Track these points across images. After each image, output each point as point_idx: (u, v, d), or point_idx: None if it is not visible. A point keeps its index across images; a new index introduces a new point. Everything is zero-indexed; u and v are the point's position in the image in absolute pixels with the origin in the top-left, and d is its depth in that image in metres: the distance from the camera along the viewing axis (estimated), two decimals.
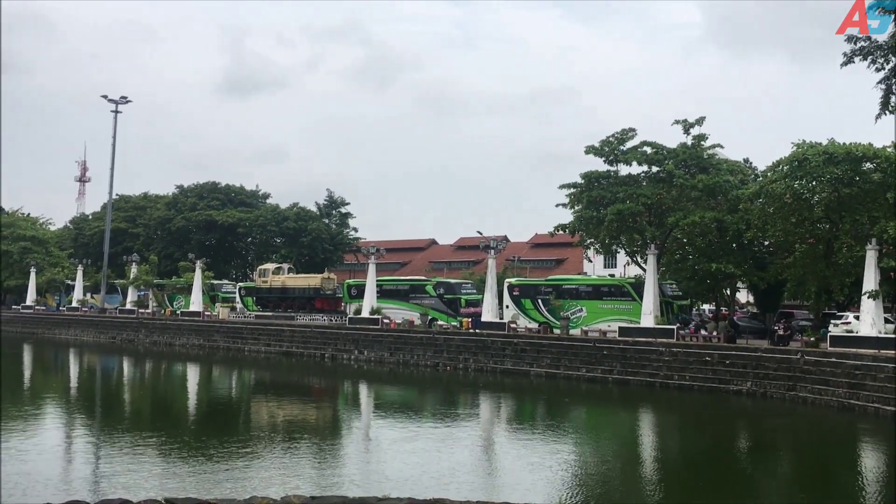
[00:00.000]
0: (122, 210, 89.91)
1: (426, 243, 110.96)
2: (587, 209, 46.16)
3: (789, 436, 27.63)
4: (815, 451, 25.23)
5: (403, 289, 54.19)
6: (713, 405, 33.03)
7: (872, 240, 33.47)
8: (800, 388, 32.37)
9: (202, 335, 59.78)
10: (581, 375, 39.45)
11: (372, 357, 48.27)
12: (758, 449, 25.61)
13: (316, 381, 42.67)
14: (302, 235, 77.48)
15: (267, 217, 79.81)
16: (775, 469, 22.61)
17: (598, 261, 72.50)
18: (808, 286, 38.57)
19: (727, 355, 35.81)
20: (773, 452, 24.99)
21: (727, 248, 43.00)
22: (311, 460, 21.15)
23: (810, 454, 24.60)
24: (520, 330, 45.42)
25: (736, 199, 41.10)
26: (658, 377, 37.09)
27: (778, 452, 25.02)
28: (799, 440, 26.82)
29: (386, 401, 35.74)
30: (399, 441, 24.31)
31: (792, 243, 39.52)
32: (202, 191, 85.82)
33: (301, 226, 78.04)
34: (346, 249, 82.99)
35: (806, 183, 36.81)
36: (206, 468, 19.49)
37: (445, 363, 44.74)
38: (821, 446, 25.96)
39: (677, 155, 44.61)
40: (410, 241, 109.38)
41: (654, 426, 29.94)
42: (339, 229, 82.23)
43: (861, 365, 30.48)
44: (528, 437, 25.88)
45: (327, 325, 53.56)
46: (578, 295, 46.48)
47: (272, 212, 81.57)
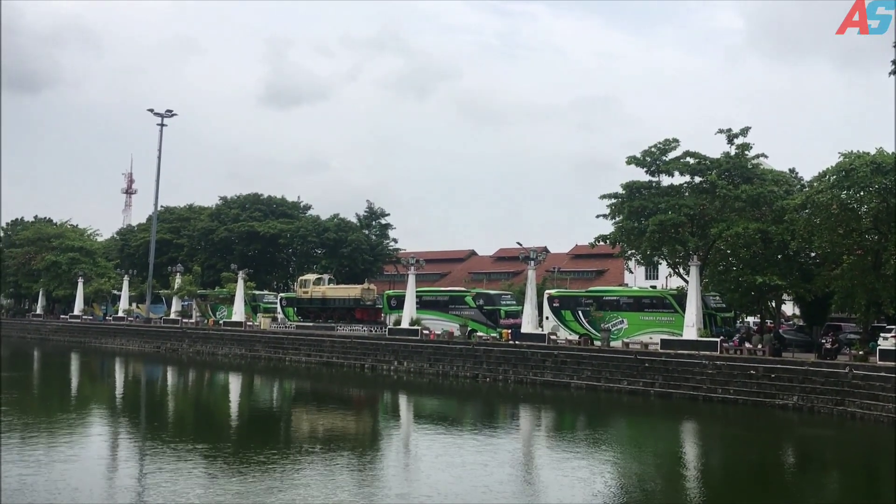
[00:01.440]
0: (167, 221, 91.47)
1: (466, 254, 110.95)
2: (628, 220, 45.74)
3: (837, 451, 27.01)
4: (863, 467, 24.61)
5: (443, 300, 54.23)
6: (758, 419, 32.40)
7: None
8: (848, 403, 31.63)
9: (244, 345, 60.41)
10: (622, 388, 39.04)
11: (411, 368, 48.31)
12: (804, 464, 25.07)
13: (356, 392, 42.81)
14: (342, 246, 78.02)
15: (308, 228, 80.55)
16: (822, 485, 22.10)
17: (640, 272, 71.87)
18: (856, 298, 37.75)
19: (772, 369, 35.15)
20: (820, 468, 24.45)
21: (772, 259, 42.27)
22: (352, 472, 21.22)
23: (858, 470, 24.00)
24: (560, 341, 45.14)
25: (781, 209, 40.42)
26: (701, 390, 36.54)
27: (825, 468, 24.46)
28: (847, 456, 26.20)
29: (426, 412, 35.73)
30: (440, 453, 24.28)
31: (839, 255, 38.71)
32: (244, 202, 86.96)
33: (341, 237, 78.60)
34: (385, 260, 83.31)
35: (853, 193, 36.06)
36: (247, 479, 19.67)
37: (485, 374, 44.62)
38: (869, 462, 25.31)
39: (720, 165, 44.02)
40: (450, 251, 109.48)
41: (697, 440, 29.46)
42: (378, 240, 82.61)
43: None
44: (569, 450, 25.65)
45: (367, 336, 53.76)
46: (619, 306, 46.05)
47: (313, 223, 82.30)
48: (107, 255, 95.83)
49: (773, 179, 43.68)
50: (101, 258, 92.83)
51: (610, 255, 67.09)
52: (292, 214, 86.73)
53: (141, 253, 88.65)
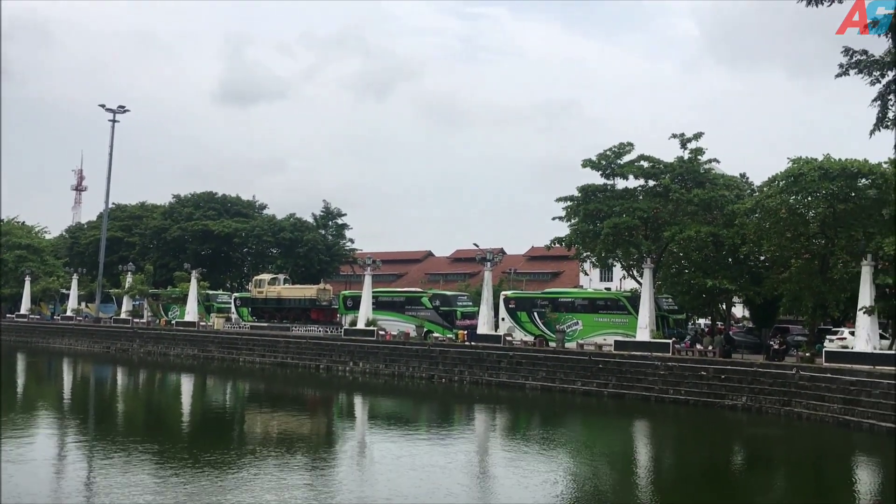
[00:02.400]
0: (118, 219, 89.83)
1: (423, 255, 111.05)
2: (584, 222, 46.29)
3: (784, 451, 27.66)
4: (809, 466, 25.24)
5: (399, 300, 54.21)
6: (708, 419, 33.04)
7: (868, 255, 33.57)
8: (795, 404, 32.40)
9: (197, 346, 59.66)
10: (576, 389, 39.45)
11: (367, 369, 48.21)
12: (752, 463, 25.61)
13: (311, 393, 42.59)
14: (298, 246, 77.50)
15: (263, 227, 79.84)
16: (770, 484, 22.62)
17: (595, 274, 72.70)
18: (803, 301, 38.70)
19: (722, 370, 35.84)
20: (767, 467, 25.01)
21: (723, 262, 43.13)
22: (305, 474, 21.09)
23: (805, 469, 24.61)
24: (515, 343, 45.44)
25: (732, 213, 41.25)
26: (653, 391, 37.10)
27: (772, 467, 25.03)
28: (793, 455, 26.85)
29: (381, 413, 35.70)
30: (398, 455, 24.26)
31: (787, 258, 39.65)
32: (199, 200, 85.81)
33: (297, 236, 78.07)
34: (342, 260, 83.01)
35: (802, 198, 36.98)
36: (199, 480, 19.44)
37: (441, 375, 44.72)
38: (815, 462, 25.97)
39: (674, 169, 44.79)
40: (407, 252, 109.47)
41: (649, 440, 29.92)
42: (335, 240, 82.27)
43: (856, 381, 30.52)
44: (524, 450, 25.85)
45: (323, 337, 53.50)
46: (574, 308, 46.54)
47: (269, 222, 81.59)
48: (55, 253, 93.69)
49: (725, 184, 44.60)
50: (49, 256, 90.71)
51: (566, 257, 67.73)
52: (248, 214, 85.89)
53: (91, 251, 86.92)
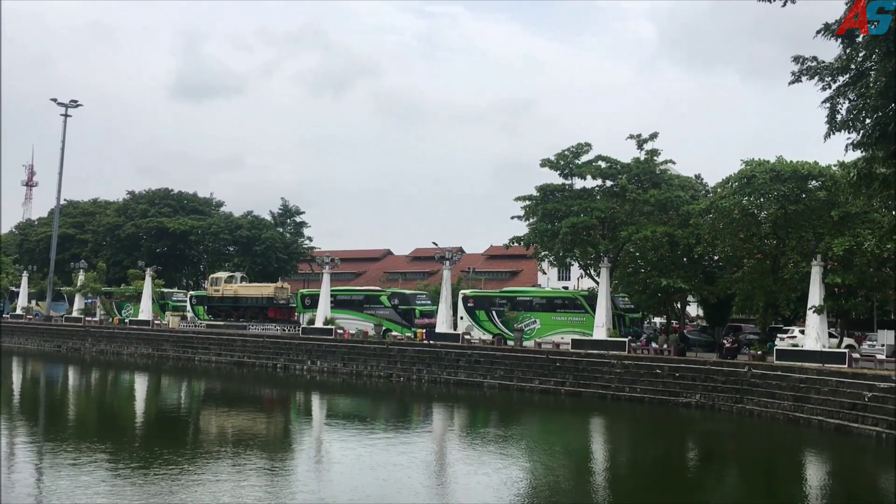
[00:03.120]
0: (70, 216, 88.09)
1: (381, 254, 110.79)
2: (542, 222, 46.63)
3: (736, 447, 28.18)
4: (760, 461, 25.74)
5: (358, 299, 54.04)
6: (663, 417, 33.52)
7: (817, 256, 34.37)
8: (747, 401, 33.03)
9: (151, 344, 58.79)
10: (534, 387, 39.72)
11: (325, 368, 47.97)
12: (705, 459, 26.08)
13: (268, 392, 42.22)
14: (255, 244, 76.81)
15: (220, 225, 78.96)
16: (722, 479, 23.05)
17: (553, 273, 73.22)
18: (755, 300, 39.48)
19: (677, 368, 36.40)
20: (720, 463, 25.49)
21: (678, 262, 43.78)
22: (261, 474, 20.90)
23: (756, 465, 25.09)
24: (474, 341, 45.58)
25: (687, 214, 41.88)
26: (610, 389, 37.52)
27: (725, 463, 25.51)
28: (745, 451, 27.36)
29: (339, 412, 35.54)
30: (353, 453, 24.19)
31: (740, 258, 40.39)
32: (154, 197, 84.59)
33: (255, 234, 77.39)
34: (300, 259, 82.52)
35: (754, 199, 37.70)
36: (152, 482, 19.15)
37: (399, 374, 44.68)
38: (766, 457, 26.50)
39: (630, 170, 45.36)
40: (366, 251, 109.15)
41: (605, 437, 30.26)
42: (293, 238, 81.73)
43: (805, 378, 31.25)
44: (483, 448, 25.95)
45: (280, 335, 53.10)
46: (532, 307, 46.84)
47: (225, 220, 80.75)
48: (5, 251, 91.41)
49: (680, 185, 45.34)
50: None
51: (524, 256, 68.14)
52: (204, 211, 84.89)
53: (41, 248, 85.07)
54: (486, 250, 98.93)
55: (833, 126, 16.58)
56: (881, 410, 27.40)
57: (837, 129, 16.47)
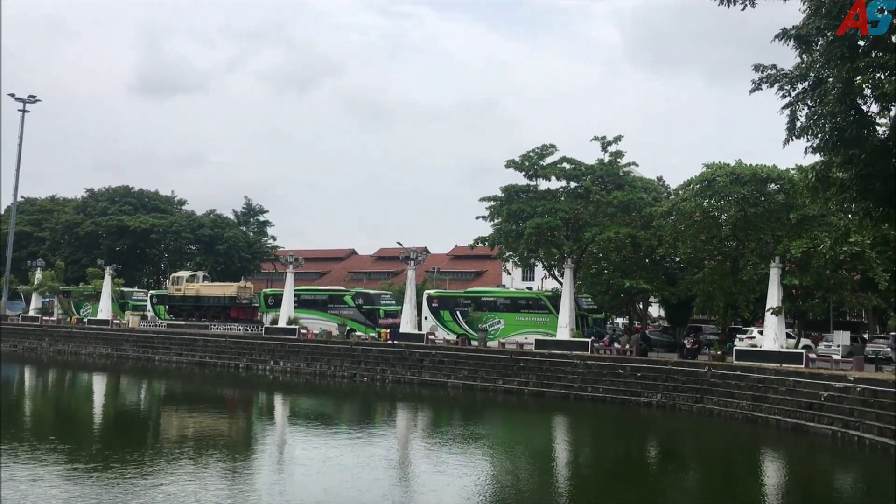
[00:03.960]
0: (27, 213, 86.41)
1: (346, 253, 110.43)
2: (506, 222, 46.89)
3: (695, 446, 28.60)
4: (719, 460, 26.15)
5: (322, 299, 53.84)
6: (624, 416, 33.90)
7: (776, 258, 35.03)
8: (707, 401, 33.53)
9: (110, 344, 57.96)
10: (498, 387, 39.89)
11: (288, 368, 47.70)
12: (665, 458, 26.41)
13: (230, 393, 41.84)
14: (218, 243, 76.14)
15: (182, 223, 78.10)
16: (681, 477, 23.36)
17: (517, 274, 73.60)
18: (715, 301, 40.08)
19: (639, 368, 36.83)
20: (679, 461, 25.83)
21: (640, 263, 44.29)
22: (223, 475, 20.69)
23: (714, 463, 25.48)
24: (438, 341, 45.65)
25: (649, 215, 42.40)
26: (573, 389, 37.82)
27: (684, 462, 25.86)
28: (704, 450, 27.78)
29: (302, 412, 35.33)
30: (315, 454, 24.08)
31: (701, 260, 41.00)
32: (114, 195, 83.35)
33: (217, 233, 76.71)
34: (263, 258, 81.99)
35: (715, 202, 38.33)
36: (111, 485, 18.85)
37: (363, 374, 44.57)
38: (725, 456, 26.92)
39: (594, 171, 45.80)
40: (330, 250, 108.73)
41: (567, 436, 30.50)
42: (256, 237, 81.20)
43: (764, 378, 31.83)
44: (446, 448, 25.98)
45: (243, 335, 52.73)
46: (496, 307, 47.04)
47: (187, 218, 79.91)
48: None
49: (643, 187, 45.88)
50: None
51: (488, 256, 68.44)
52: (166, 209, 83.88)
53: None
54: (450, 250, 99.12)
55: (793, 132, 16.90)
56: (837, 410, 27.99)
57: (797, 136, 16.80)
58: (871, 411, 26.54)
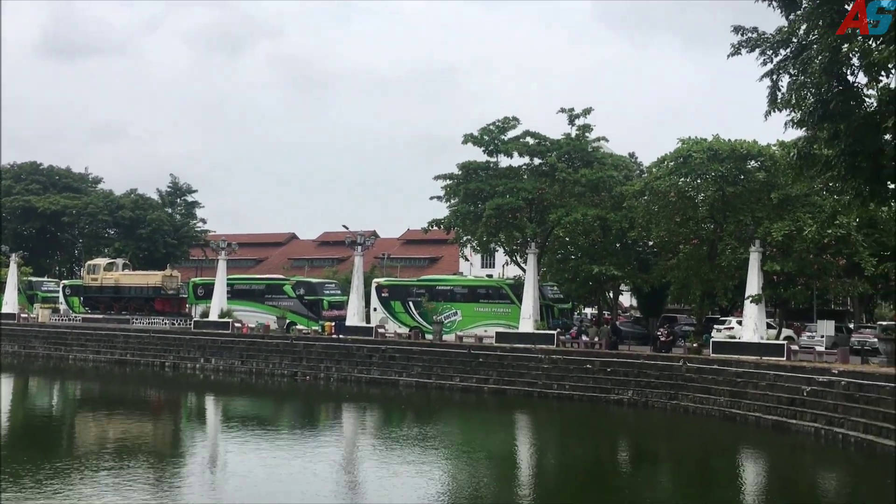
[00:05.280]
0: None
1: (285, 238, 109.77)
2: (464, 203, 46.94)
3: (669, 446, 29.11)
4: (694, 462, 26.68)
5: (258, 289, 53.56)
6: (593, 415, 34.37)
7: (756, 241, 35.67)
8: (682, 397, 34.15)
9: (17, 341, 56.98)
10: (454, 385, 40.09)
11: (220, 366, 47.40)
12: (637, 460, 26.84)
13: (155, 394, 41.45)
14: (140, 226, 75.21)
15: (98, 204, 76.90)
16: (654, 480, 23.78)
17: (476, 260, 73.82)
18: (691, 289, 40.71)
19: (609, 362, 37.31)
20: (652, 463, 26.28)
21: (610, 248, 44.78)
22: (148, 487, 20.48)
23: (689, 465, 25.99)
24: (388, 335, 45.69)
25: (620, 195, 42.83)
26: (537, 386, 38.19)
27: (657, 463, 26.32)
28: (678, 450, 28.30)
29: (236, 415, 35.10)
30: (252, 461, 23.97)
31: (676, 244, 41.58)
32: (20, 172, 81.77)
33: (139, 215, 75.75)
34: (192, 243, 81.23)
35: (690, 181, 38.84)
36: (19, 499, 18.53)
37: (305, 372, 44.47)
38: (700, 457, 27.48)
39: (561, 147, 46.02)
40: (267, 234, 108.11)
41: (531, 437, 30.81)
42: (184, 220, 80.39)
43: (743, 372, 32.50)
44: (397, 451, 26.06)
45: (169, 330, 52.32)
46: (453, 297, 47.20)
47: (105, 198, 78.72)
48: None
49: (613, 164, 46.26)
50: None
51: (444, 241, 68.55)
52: (79, 188, 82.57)
53: None
54: (402, 235, 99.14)
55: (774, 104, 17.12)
56: (820, 405, 28.71)
57: (778, 108, 17.02)
58: (857, 407, 27.27)
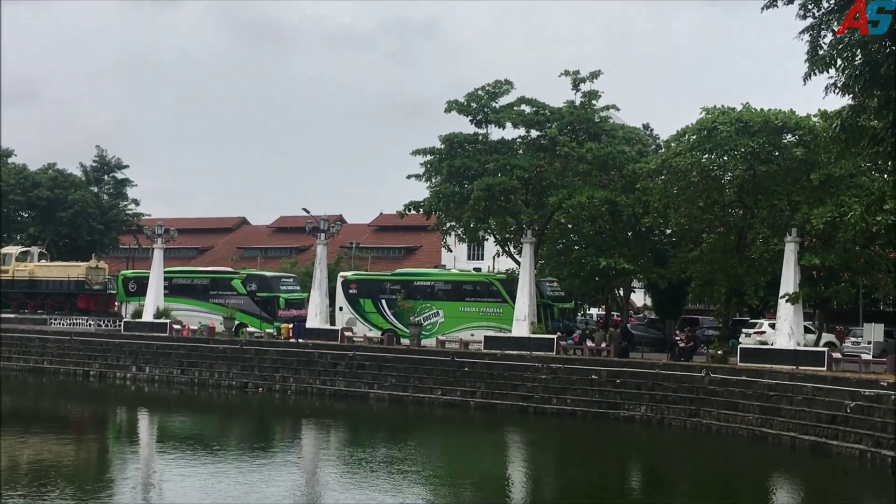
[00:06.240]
0: None
1: (234, 223, 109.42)
2: (447, 183, 46.83)
3: (688, 471, 29.21)
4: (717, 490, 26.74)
5: (201, 284, 53.54)
6: (599, 434, 34.45)
7: (792, 230, 35.69)
8: (704, 414, 34.28)
9: None
10: (435, 399, 40.07)
11: (156, 375, 47.35)
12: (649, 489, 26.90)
13: (77, 409, 41.25)
14: (60, 208, 74.53)
15: (9, 182, 76.12)
16: None
17: (461, 250, 73.91)
18: (716, 286, 40.74)
19: (618, 373, 37.39)
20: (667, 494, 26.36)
21: (621, 237, 44.80)
22: None
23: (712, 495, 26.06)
24: (357, 340, 45.63)
25: (633, 175, 42.82)
26: (533, 400, 38.25)
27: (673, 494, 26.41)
28: (699, 477, 28.38)
29: (175, 434, 35.00)
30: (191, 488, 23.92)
31: (698, 232, 41.65)
32: None
33: (59, 195, 75.06)
34: (122, 229, 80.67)
35: (716, 158, 38.88)
36: None
37: (257, 383, 44.41)
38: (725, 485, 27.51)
39: (563, 117, 45.95)
40: (213, 219, 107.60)
41: (524, 461, 30.84)
42: (113, 201, 79.84)
43: (776, 385, 32.62)
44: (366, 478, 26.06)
45: (94, 332, 52.18)
46: (434, 294, 47.19)
47: (16, 175, 77.87)
48: None
49: (625, 137, 46.22)
50: None
51: (424, 227, 68.56)
52: None
53: None
54: (373, 220, 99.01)
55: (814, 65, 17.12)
56: (866, 424, 28.78)
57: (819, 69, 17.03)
58: None
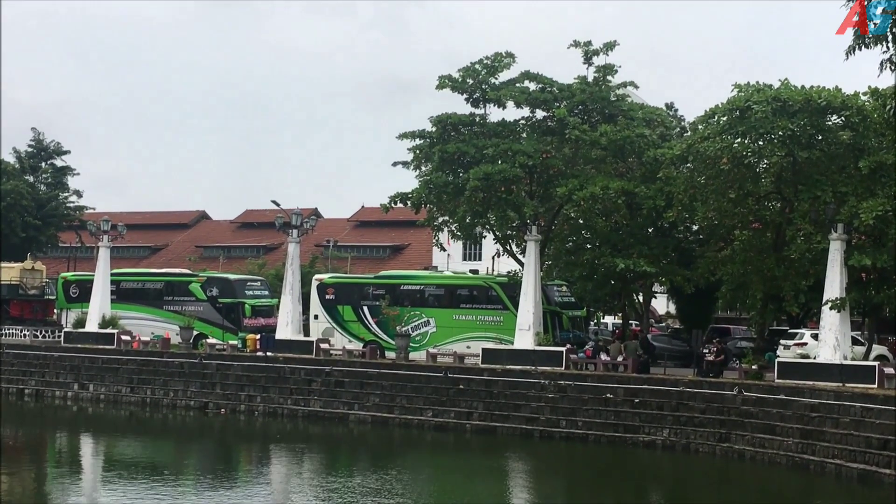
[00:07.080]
0: None
1: (192, 218, 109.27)
2: (440, 171, 46.79)
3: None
4: None
5: (155, 288, 53.57)
6: (615, 462, 34.52)
7: (838, 226, 35.72)
8: (736, 438, 34.35)
9: None
10: (425, 421, 40.11)
11: (102, 394, 47.40)
12: None
13: (9, 433, 41.20)
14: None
15: None
16: None
17: (456, 249, 73.83)
18: (750, 290, 40.77)
19: (637, 391, 37.44)
20: None
21: (640, 234, 44.79)
22: None
23: None
24: (335, 353, 45.64)
25: (654, 162, 42.84)
26: (538, 423, 38.32)
27: None
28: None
29: (124, 461, 35.02)
30: None
31: (730, 229, 41.66)
32: None
33: None
34: (63, 225, 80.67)
35: (750, 143, 38.89)
36: None
37: (219, 403, 44.44)
38: None
39: (573, 95, 45.90)
40: (168, 213, 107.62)
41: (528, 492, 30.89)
42: (51, 192, 79.78)
43: (819, 405, 32.67)
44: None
45: (30, 345, 52.11)
46: (424, 300, 47.22)
47: None
48: None
49: (645, 118, 46.16)
50: None
51: (412, 222, 68.44)
52: None
53: None
54: (354, 214, 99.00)
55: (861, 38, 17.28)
56: None
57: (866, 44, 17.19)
58: None
